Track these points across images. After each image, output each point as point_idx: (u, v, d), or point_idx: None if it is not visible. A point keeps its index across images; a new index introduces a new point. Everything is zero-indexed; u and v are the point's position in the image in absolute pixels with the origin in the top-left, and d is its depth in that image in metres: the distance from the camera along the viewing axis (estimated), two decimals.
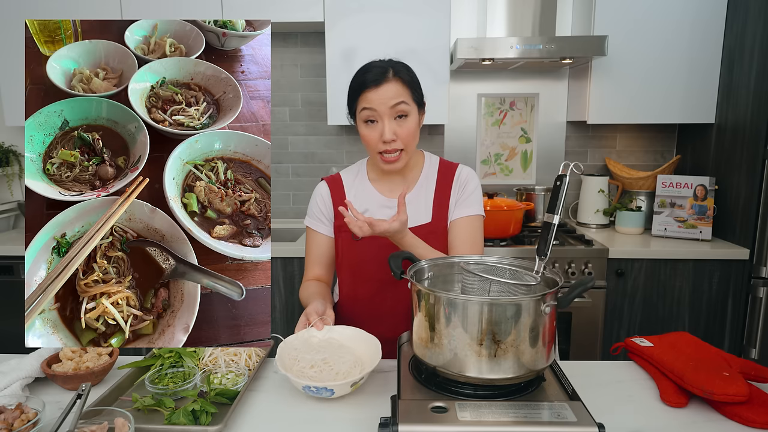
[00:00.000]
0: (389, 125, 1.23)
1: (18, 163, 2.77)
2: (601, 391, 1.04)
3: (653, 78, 2.36)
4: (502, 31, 2.39)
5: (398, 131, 1.24)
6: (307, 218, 1.42)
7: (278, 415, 0.98)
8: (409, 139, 1.25)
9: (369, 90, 1.22)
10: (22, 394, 1.01)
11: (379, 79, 1.22)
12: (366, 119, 1.25)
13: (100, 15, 2.35)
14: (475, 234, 1.34)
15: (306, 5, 2.34)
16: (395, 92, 1.22)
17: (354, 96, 1.27)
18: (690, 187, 2.33)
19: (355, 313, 1.37)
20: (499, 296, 0.97)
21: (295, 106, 2.80)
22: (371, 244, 1.31)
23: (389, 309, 1.33)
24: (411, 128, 1.25)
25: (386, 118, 1.23)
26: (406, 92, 1.24)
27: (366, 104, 1.23)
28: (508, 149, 2.79)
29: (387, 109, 1.22)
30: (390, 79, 1.23)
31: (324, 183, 1.41)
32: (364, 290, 1.36)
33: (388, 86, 1.22)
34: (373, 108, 1.22)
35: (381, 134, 1.23)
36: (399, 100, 1.22)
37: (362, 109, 1.25)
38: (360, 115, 1.26)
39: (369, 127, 1.26)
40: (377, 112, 1.23)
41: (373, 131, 1.25)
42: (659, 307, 2.24)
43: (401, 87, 1.23)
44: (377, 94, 1.22)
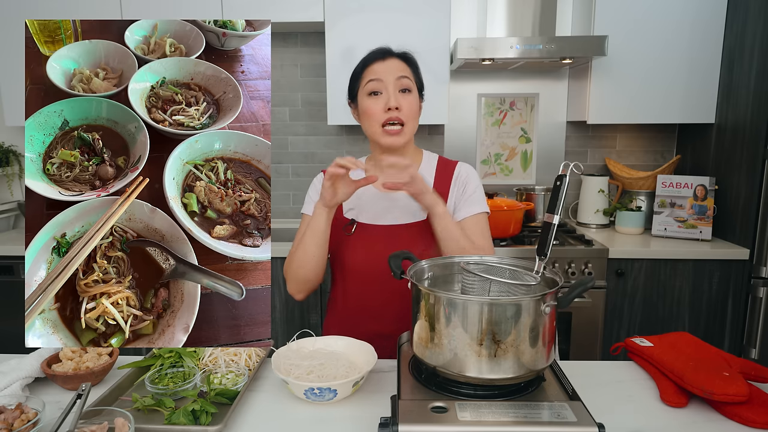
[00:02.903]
0: (394, 95, 1.26)
1: (18, 163, 2.77)
2: (601, 391, 1.04)
3: (653, 78, 2.36)
4: (502, 31, 2.39)
5: (402, 103, 1.26)
6: (303, 208, 1.42)
7: (278, 415, 0.98)
8: (411, 115, 1.28)
9: (375, 62, 1.28)
10: (22, 394, 1.01)
11: (385, 53, 1.29)
12: (371, 91, 1.28)
13: (100, 15, 2.35)
14: (485, 231, 1.35)
15: (306, 5, 2.34)
16: (400, 66, 1.29)
17: (358, 73, 1.31)
18: (690, 187, 2.33)
19: (348, 309, 1.37)
20: (499, 296, 0.97)
21: (295, 106, 2.80)
22: (363, 239, 1.31)
23: (382, 305, 1.32)
24: (413, 104, 1.29)
25: (391, 88, 1.26)
26: (408, 70, 1.30)
27: (372, 76, 1.28)
28: (508, 149, 2.79)
29: (393, 80, 1.26)
30: (395, 56, 1.30)
31: (321, 174, 1.41)
32: (356, 286, 1.35)
33: (393, 60, 1.29)
34: (379, 78, 1.26)
35: (386, 103, 1.26)
36: (403, 74, 1.28)
37: (368, 81, 1.28)
38: (365, 88, 1.29)
39: (373, 99, 1.28)
40: (383, 82, 1.26)
41: (378, 102, 1.27)
42: (659, 307, 2.24)
43: (404, 65, 1.30)
44: (383, 65, 1.28)
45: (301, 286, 1.32)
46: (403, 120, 1.26)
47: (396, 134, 1.27)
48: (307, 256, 1.27)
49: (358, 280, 1.34)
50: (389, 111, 1.26)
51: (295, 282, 1.32)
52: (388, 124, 1.27)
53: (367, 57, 1.30)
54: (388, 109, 1.25)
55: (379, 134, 1.28)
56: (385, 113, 1.26)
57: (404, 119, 1.27)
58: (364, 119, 1.30)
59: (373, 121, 1.28)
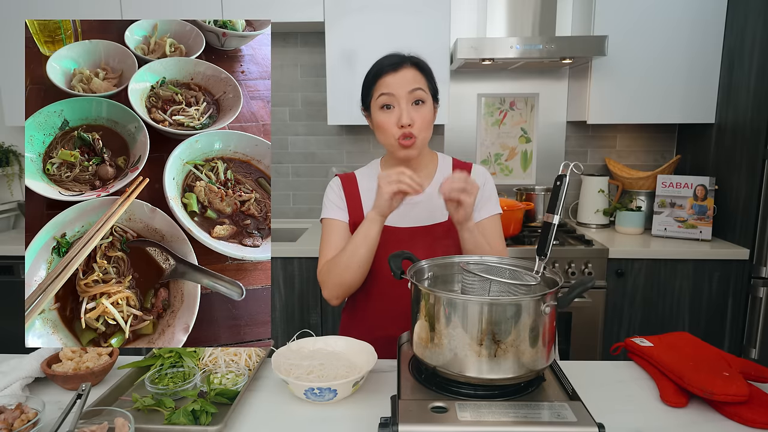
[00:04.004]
0: (407, 110, 1.23)
1: (18, 163, 2.77)
2: (601, 391, 1.04)
3: (653, 78, 2.36)
4: (502, 31, 2.39)
5: (415, 117, 1.24)
6: (323, 213, 1.39)
7: (278, 415, 0.98)
8: (424, 127, 1.26)
9: (387, 74, 1.24)
10: (22, 394, 1.01)
11: (397, 64, 1.24)
12: (383, 104, 1.25)
13: (100, 15, 2.35)
14: (500, 232, 1.37)
15: (306, 5, 2.34)
16: (413, 77, 1.24)
17: (371, 83, 1.28)
18: (690, 187, 2.33)
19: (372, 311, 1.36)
20: (499, 296, 0.97)
21: (295, 106, 2.80)
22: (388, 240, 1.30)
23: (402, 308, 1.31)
24: (427, 116, 1.26)
25: (404, 103, 1.23)
26: (422, 80, 1.26)
27: (384, 89, 1.24)
28: (508, 149, 2.79)
29: (405, 94, 1.23)
30: (408, 66, 1.25)
31: (337, 178, 1.41)
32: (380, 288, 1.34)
33: (406, 71, 1.24)
34: (391, 92, 1.23)
35: (398, 119, 1.23)
36: (416, 86, 1.24)
37: (380, 95, 1.25)
38: (377, 101, 1.26)
39: (386, 112, 1.26)
40: (395, 96, 1.23)
41: (391, 116, 1.25)
42: (659, 307, 2.24)
43: (418, 74, 1.26)
44: (395, 78, 1.24)
45: (342, 290, 1.30)
46: (415, 134, 1.25)
47: (409, 147, 1.26)
48: (356, 262, 1.25)
49: (382, 282, 1.33)
50: (402, 128, 1.24)
51: (337, 287, 1.29)
52: (402, 137, 1.25)
53: (379, 67, 1.26)
54: (401, 126, 1.24)
55: (394, 147, 1.28)
56: (398, 129, 1.24)
57: (417, 133, 1.25)
58: (378, 132, 1.29)
59: (387, 135, 1.27)
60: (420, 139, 1.26)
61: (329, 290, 1.31)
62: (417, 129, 1.24)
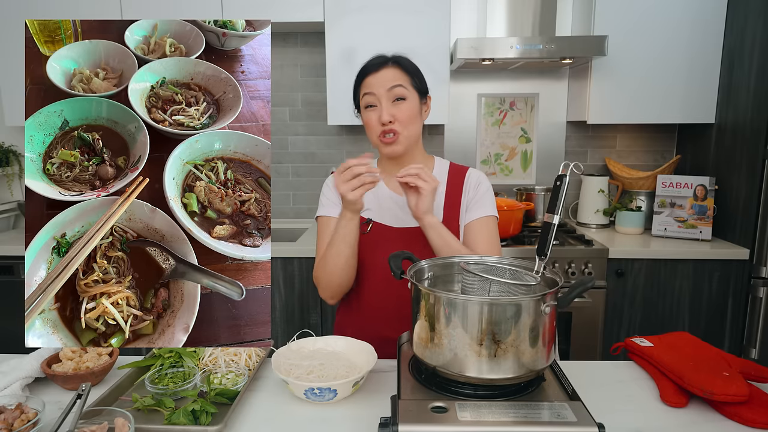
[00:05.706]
0: (387, 107, 1.27)
1: (18, 163, 2.77)
2: (601, 391, 1.04)
3: (653, 78, 2.36)
4: (502, 31, 2.39)
5: (395, 113, 1.27)
6: (318, 211, 1.41)
7: (278, 415, 0.98)
8: (406, 122, 1.28)
9: (369, 75, 1.29)
10: (22, 394, 1.01)
11: (379, 65, 1.29)
12: (367, 104, 1.30)
13: (100, 15, 2.35)
14: (492, 234, 1.35)
15: (306, 5, 2.34)
16: (393, 76, 1.28)
17: (357, 85, 1.33)
18: (690, 187, 2.33)
19: (366, 309, 1.36)
20: (499, 296, 0.97)
21: (295, 106, 2.80)
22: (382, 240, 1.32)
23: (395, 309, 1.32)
24: (408, 111, 1.28)
25: (384, 101, 1.27)
26: (404, 77, 1.29)
27: (366, 89, 1.29)
28: (508, 149, 2.79)
29: (384, 92, 1.27)
30: (389, 65, 1.29)
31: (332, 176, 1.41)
32: (374, 287, 1.35)
33: (387, 71, 1.28)
34: (372, 92, 1.28)
35: (379, 117, 1.27)
36: (396, 83, 1.27)
37: (363, 95, 1.30)
38: (362, 101, 1.31)
39: (370, 111, 1.30)
40: (376, 95, 1.27)
41: (373, 115, 1.29)
42: (659, 307, 2.24)
43: (399, 72, 1.29)
44: (376, 78, 1.28)
45: (335, 290, 1.32)
46: (397, 129, 1.27)
47: (391, 143, 1.29)
48: (343, 262, 1.27)
49: (377, 281, 1.34)
50: (383, 125, 1.27)
51: (330, 287, 1.32)
52: (383, 135, 1.28)
53: (363, 69, 1.31)
54: (382, 123, 1.27)
55: (379, 145, 1.32)
56: (380, 126, 1.28)
57: (398, 129, 1.27)
58: (366, 131, 1.34)
59: (371, 133, 1.31)
60: (403, 135, 1.28)
61: (323, 289, 1.34)
62: (399, 125, 1.27)
